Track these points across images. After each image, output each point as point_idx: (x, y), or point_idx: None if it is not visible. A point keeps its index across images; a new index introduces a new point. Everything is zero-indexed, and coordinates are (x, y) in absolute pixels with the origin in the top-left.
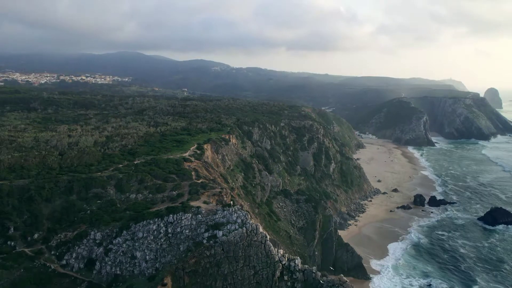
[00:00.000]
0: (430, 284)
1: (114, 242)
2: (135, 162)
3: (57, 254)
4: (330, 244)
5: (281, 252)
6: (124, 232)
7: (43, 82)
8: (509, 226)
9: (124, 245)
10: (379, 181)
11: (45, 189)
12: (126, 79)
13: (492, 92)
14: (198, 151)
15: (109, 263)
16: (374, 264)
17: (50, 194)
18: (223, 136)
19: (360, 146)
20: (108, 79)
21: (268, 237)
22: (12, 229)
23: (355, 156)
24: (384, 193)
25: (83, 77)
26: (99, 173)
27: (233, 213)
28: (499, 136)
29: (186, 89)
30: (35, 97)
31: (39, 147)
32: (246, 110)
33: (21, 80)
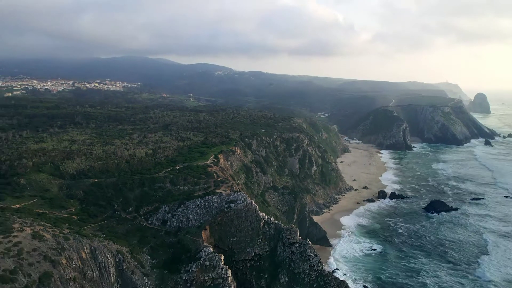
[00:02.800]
0: (374, 249)
1: (176, 211)
2: (177, 167)
3: (145, 218)
4: (304, 223)
5: (263, 214)
6: (182, 205)
7: (60, 89)
8: (442, 213)
9: (182, 212)
10: (354, 180)
11: (127, 183)
12: (135, 85)
13: (481, 97)
14: (215, 160)
15: (175, 221)
16: (337, 237)
17: (131, 186)
18: (231, 148)
19: (345, 150)
20: (118, 85)
21: (257, 207)
22: (115, 205)
23: (339, 160)
24: (356, 189)
25: (96, 84)
26: (157, 174)
27: (239, 195)
28: (472, 140)
29: (192, 95)
30: (76, 112)
31: (111, 157)
32: (247, 123)
33: (40, 88)
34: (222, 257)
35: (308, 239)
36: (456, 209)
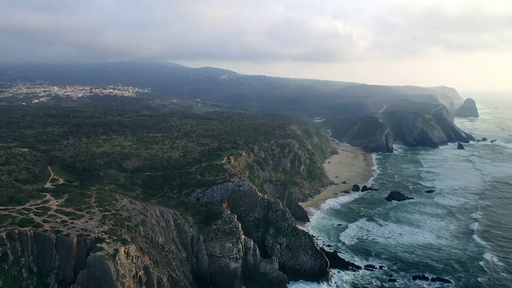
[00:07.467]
0: (340, 224)
1: (205, 192)
2: (203, 165)
3: (185, 196)
4: (291, 205)
5: (260, 194)
6: (209, 189)
7: (80, 96)
8: (399, 201)
9: (210, 192)
10: (337, 177)
11: (171, 175)
12: (146, 90)
13: (470, 102)
14: (228, 160)
15: (205, 198)
16: (314, 216)
17: (173, 177)
18: (238, 151)
19: (334, 152)
20: (130, 90)
21: (257, 189)
22: (165, 189)
23: (328, 161)
24: (336, 184)
25: (111, 90)
26: (190, 169)
27: (245, 182)
28: (448, 144)
29: (199, 100)
30: (111, 121)
31: (155, 158)
32: (250, 131)
33: (61, 94)
34: (236, 216)
35: (288, 209)
36: (411, 198)
